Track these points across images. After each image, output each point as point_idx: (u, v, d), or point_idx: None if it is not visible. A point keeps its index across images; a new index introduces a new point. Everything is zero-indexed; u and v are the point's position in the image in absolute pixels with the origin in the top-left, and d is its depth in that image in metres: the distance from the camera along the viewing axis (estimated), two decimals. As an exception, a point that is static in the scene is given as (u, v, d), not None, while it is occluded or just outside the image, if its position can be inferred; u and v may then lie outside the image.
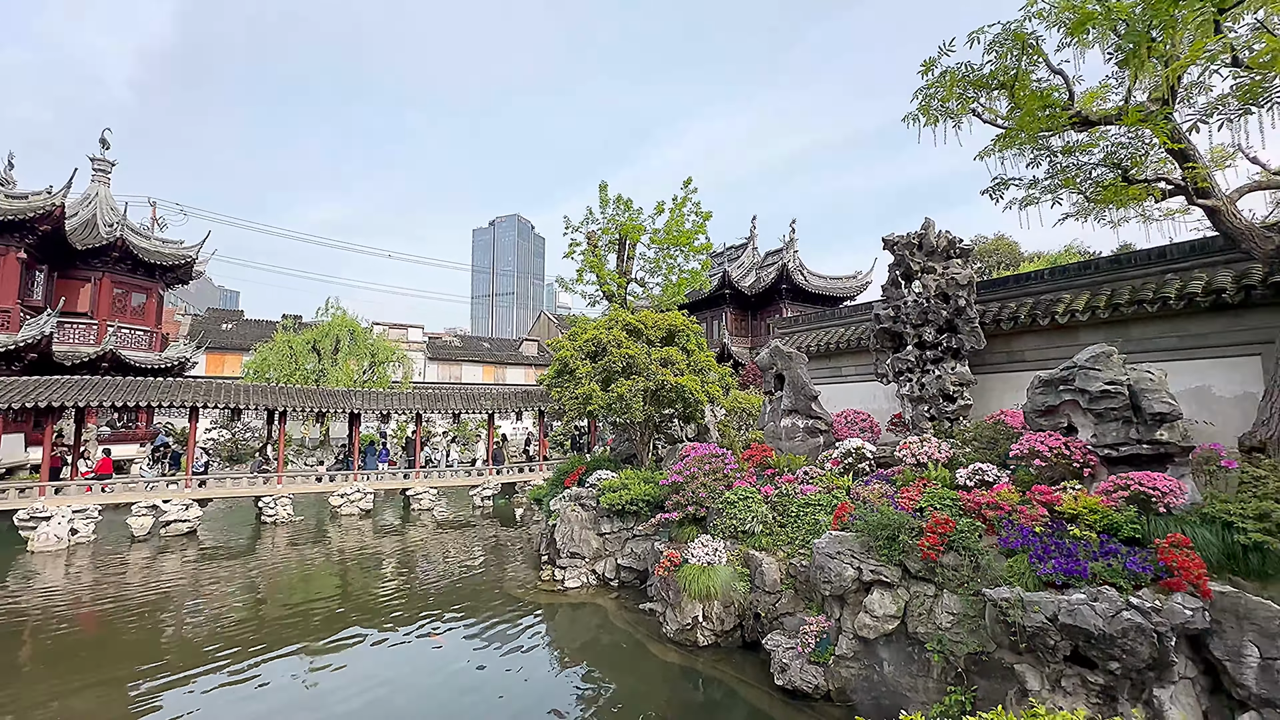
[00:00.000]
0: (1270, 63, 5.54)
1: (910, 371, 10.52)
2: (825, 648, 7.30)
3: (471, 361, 44.76)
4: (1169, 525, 6.14)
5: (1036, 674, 5.91)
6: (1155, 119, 6.67)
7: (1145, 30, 6.37)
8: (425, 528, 18.52)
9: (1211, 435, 7.69)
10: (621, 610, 10.58)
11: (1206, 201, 7.25)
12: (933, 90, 7.99)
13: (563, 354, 13.60)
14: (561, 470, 15.16)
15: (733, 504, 9.72)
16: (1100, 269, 9.76)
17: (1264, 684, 5.17)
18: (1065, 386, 7.45)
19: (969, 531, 6.87)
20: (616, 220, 21.75)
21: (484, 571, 13.45)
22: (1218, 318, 8.20)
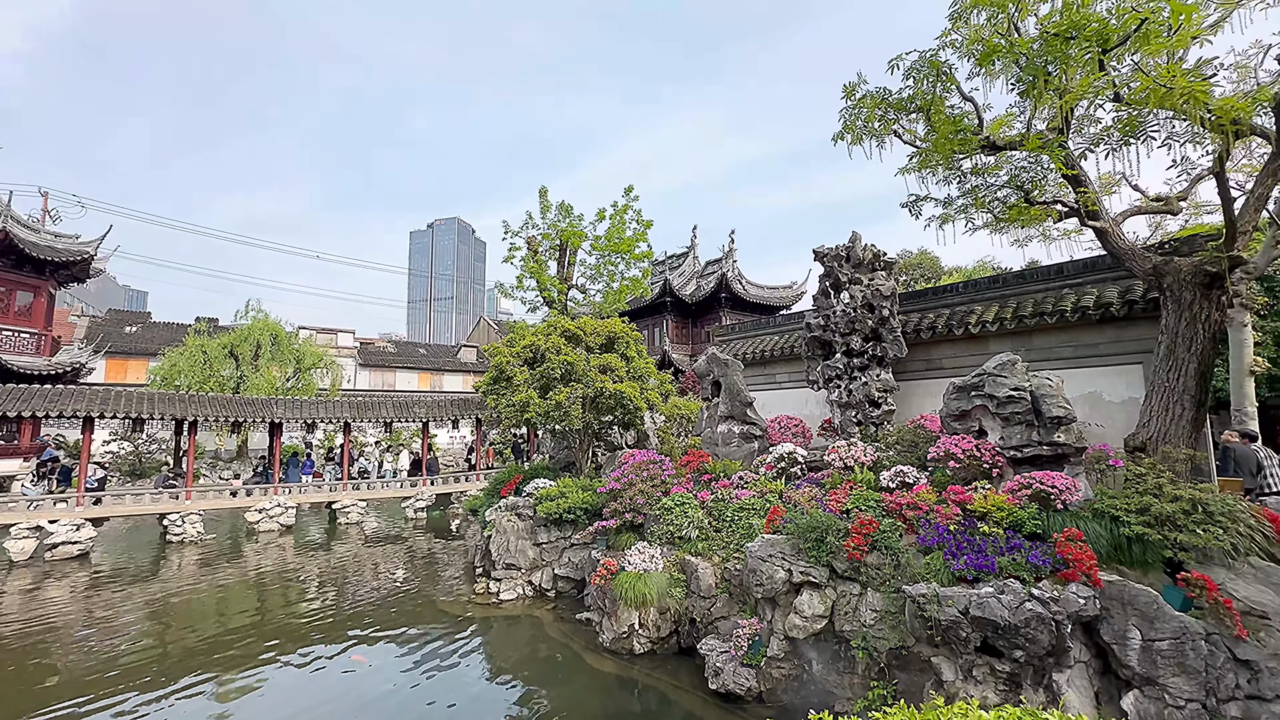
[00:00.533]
0: (1145, 99, 6.16)
1: (839, 378, 10.96)
2: (757, 650, 7.43)
3: (406, 368, 43.17)
4: (1065, 520, 6.65)
5: (951, 665, 6.24)
6: (1051, 146, 7.26)
7: (1042, 65, 6.93)
8: (353, 543, 17.62)
9: (1102, 436, 8.40)
10: (558, 621, 10.41)
11: (1096, 223, 7.96)
12: (855, 112, 8.40)
13: (499, 360, 13.33)
14: (498, 480, 14.81)
15: (670, 510, 9.78)
16: (1007, 284, 10.53)
17: (1145, 664, 5.66)
18: (976, 392, 7.95)
19: (891, 531, 7.19)
20: (557, 226, 21.61)
21: (415, 587, 12.92)
22: (1106, 329, 9.00)
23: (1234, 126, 6.10)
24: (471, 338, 56.39)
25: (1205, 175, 8.13)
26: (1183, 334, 7.39)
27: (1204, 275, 7.25)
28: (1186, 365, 7.38)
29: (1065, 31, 6.32)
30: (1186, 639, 5.56)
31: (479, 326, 57.72)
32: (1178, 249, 8.13)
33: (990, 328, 10.08)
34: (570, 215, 21.70)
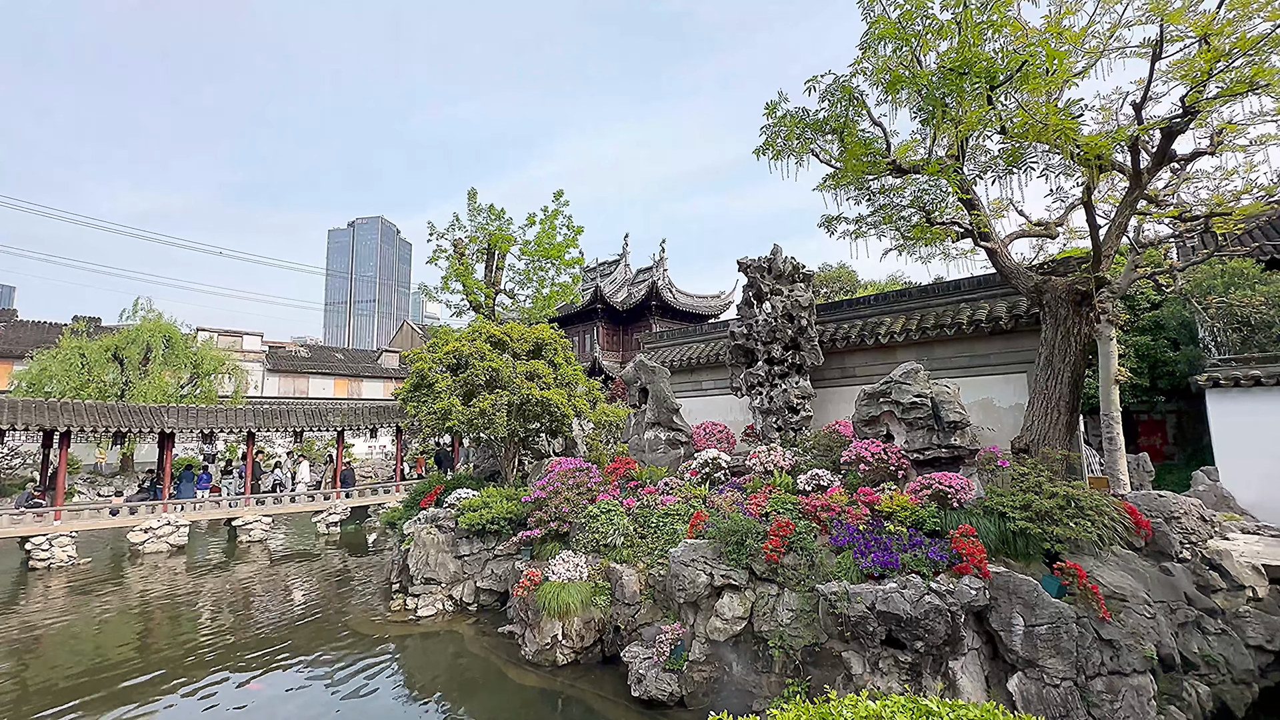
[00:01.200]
0: (1025, 133, 6.81)
1: (761, 385, 11.32)
2: (679, 654, 7.50)
3: (321, 374, 40.67)
4: (961, 518, 7.15)
5: (859, 659, 6.55)
6: (949, 171, 7.88)
7: (941, 97, 7.51)
8: (255, 562, 16.33)
9: (993, 439, 9.14)
10: (480, 636, 10.08)
11: (987, 244, 8.69)
12: (776, 129, 8.76)
13: (420, 366, 12.82)
14: (418, 490, 14.21)
15: (595, 518, 9.72)
16: (913, 298, 11.28)
17: (1027, 648, 6.17)
18: (884, 399, 8.44)
19: (806, 533, 7.48)
20: (486, 229, 21.11)
21: (326, 607, 12.12)
22: (996, 341, 9.82)
23: (1098, 161, 6.86)
24: (394, 343, 53.96)
25: (1077, 204, 9.07)
26: (1059, 346, 8.19)
27: (1076, 293, 8.07)
28: (1062, 374, 8.17)
29: (959, 67, 6.88)
30: (1061, 623, 6.11)
31: (402, 331, 55.36)
32: (1055, 269, 9.01)
33: (898, 338, 10.76)
34: (500, 219, 21.25)
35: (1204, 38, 6.52)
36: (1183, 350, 14.71)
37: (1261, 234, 14.87)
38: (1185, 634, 6.97)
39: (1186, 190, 9.44)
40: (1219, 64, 6.40)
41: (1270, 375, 10.85)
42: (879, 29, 7.73)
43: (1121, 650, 6.17)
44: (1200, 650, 6.93)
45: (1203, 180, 9.21)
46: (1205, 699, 6.58)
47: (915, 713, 2.21)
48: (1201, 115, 7.21)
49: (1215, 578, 7.83)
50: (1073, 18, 7.38)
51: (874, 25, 7.86)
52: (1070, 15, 7.33)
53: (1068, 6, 7.44)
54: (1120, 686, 6.03)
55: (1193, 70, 6.54)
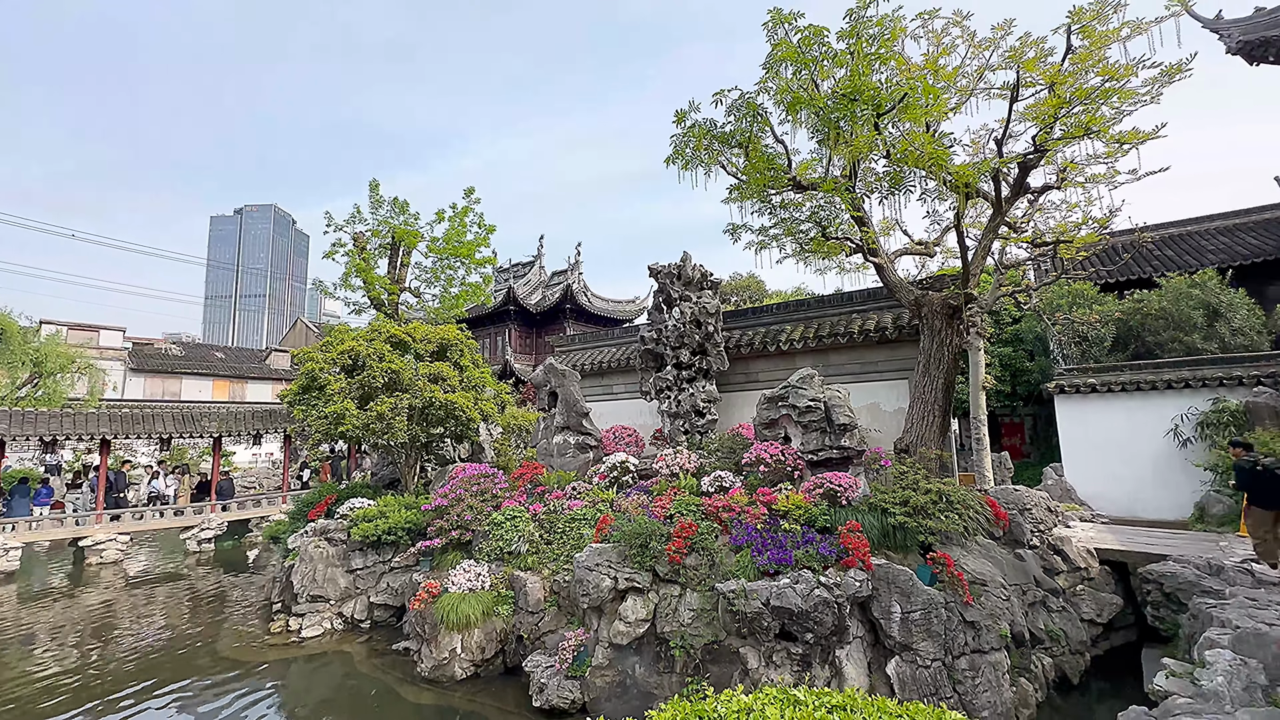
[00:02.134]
0: (905, 159, 7.44)
1: (669, 389, 11.53)
2: (582, 660, 7.43)
3: (196, 374, 36.73)
4: (849, 514, 7.62)
5: (755, 653, 6.79)
6: (842, 190, 8.43)
7: (835, 120, 8.03)
8: (108, 588, 14.40)
9: (879, 440, 9.84)
10: (372, 655, 9.46)
11: (875, 259, 9.37)
12: (685, 139, 8.99)
13: (311, 367, 11.89)
14: (306, 501, 13.16)
15: (500, 525, 9.45)
16: (811, 307, 11.96)
17: (903, 633, 6.67)
18: (782, 403, 8.86)
19: (708, 533, 7.68)
20: (390, 223, 20.02)
21: (195, 634, 10.88)
22: (883, 349, 10.62)
23: (966, 189, 7.61)
24: (286, 341, 49.81)
25: (950, 227, 10.02)
26: (935, 355, 8.97)
27: (949, 307, 8.89)
28: (937, 380, 8.96)
29: (851, 93, 7.40)
30: (932, 609, 6.66)
31: (295, 329, 51.25)
32: (932, 285, 9.89)
33: (797, 345, 11.35)
34: (406, 213, 20.25)
35: (1051, 86, 7.43)
36: (1037, 361, 16.62)
37: (1099, 260, 17.14)
38: (1033, 612, 7.83)
39: (1040, 219, 10.70)
40: (1062, 110, 7.32)
41: (1103, 384, 12.51)
42: (781, 51, 8.15)
43: (982, 630, 6.82)
44: (1045, 626, 7.82)
45: (1052, 211, 10.47)
46: (1049, 669, 7.43)
47: (785, 703, 2.31)
48: (1050, 154, 8.20)
49: (1058, 561, 8.87)
50: (947, 58, 8.16)
51: (777, 47, 8.27)
52: (945, 56, 8.10)
53: (944, 47, 8.22)
54: (981, 664, 6.67)
55: (1042, 113, 7.44)
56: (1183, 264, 16.28)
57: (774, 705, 2.27)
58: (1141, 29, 7.35)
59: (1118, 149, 7.94)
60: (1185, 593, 7.51)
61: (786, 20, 8.15)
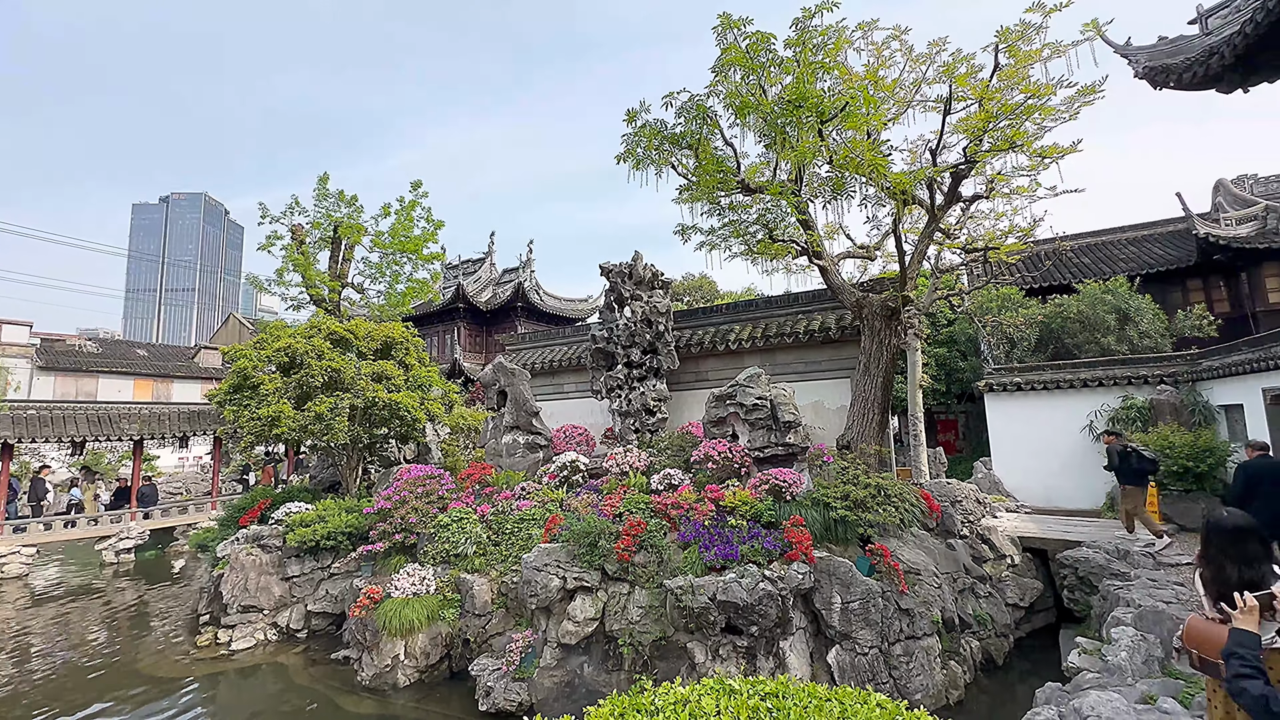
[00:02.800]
0: (846, 165, 7.72)
1: (620, 388, 11.55)
2: (530, 662, 7.36)
3: (115, 373, 34.20)
4: (793, 509, 7.84)
5: (702, 648, 6.90)
6: (788, 194, 8.65)
7: (782, 126, 8.25)
8: (10, 604, 13.24)
9: (822, 436, 10.17)
10: (309, 666, 9.07)
11: (820, 262, 9.67)
12: (636, 138, 9.02)
13: (243, 364, 11.28)
14: (238, 507, 12.49)
15: (446, 527, 9.24)
16: (759, 308, 12.23)
17: (844, 622, 6.92)
18: (730, 401, 9.03)
19: (657, 531, 7.74)
20: (332, 216, 19.21)
21: (113, 651, 10.14)
22: (827, 349, 10.96)
23: (903, 195, 7.96)
24: (217, 338, 47.03)
25: (889, 232, 10.45)
26: (874, 354, 9.34)
27: (888, 309, 9.27)
28: (876, 379, 9.32)
29: (796, 100, 7.61)
30: (870, 598, 6.95)
31: (228, 325, 48.45)
32: (872, 287, 10.28)
33: (745, 345, 11.58)
34: (351, 205, 19.46)
35: (980, 101, 7.86)
36: (970, 361, 17.53)
37: (1025, 267, 18.25)
38: (963, 599, 8.26)
39: (972, 227, 11.30)
40: (990, 124, 7.76)
41: (1027, 382, 13.33)
42: (730, 55, 8.29)
43: (916, 617, 7.16)
44: (974, 611, 8.27)
45: (982, 220, 11.08)
46: (976, 652, 7.86)
47: (720, 693, 2.37)
48: (979, 165, 8.67)
49: (986, 550, 9.40)
50: (887, 70, 8.51)
51: (726, 51, 8.41)
52: (885, 68, 8.45)
53: (883, 60, 8.57)
54: (914, 649, 6.99)
55: (972, 126, 7.86)
56: (1098, 271, 17.54)
57: (710, 696, 2.33)
58: (1060, 51, 7.87)
59: (1040, 162, 8.49)
60: (1096, 576, 8.10)
61: (735, 25, 8.31)
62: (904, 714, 2.26)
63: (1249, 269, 16.25)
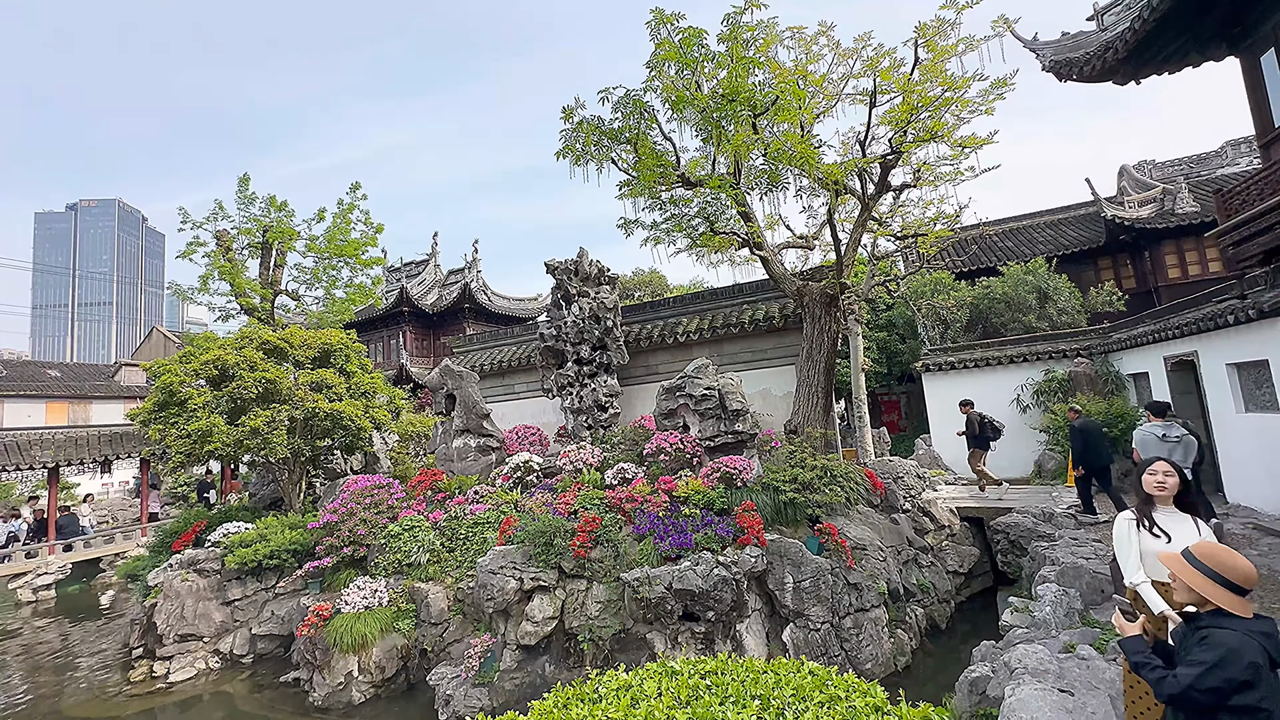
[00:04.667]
0: (779, 156, 7.93)
1: (571, 385, 11.51)
2: (490, 666, 7.28)
3: (23, 397, 31.56)
4: (744, 495, 8.02)
5: (661, 637, 6.99)
6: (727, 186, 8.81)
7: (717, 119, 8.37)
8: (-91, 655, 12.06)
9: (770, 423, 10.43)
10: (255, 691, 8.67)
11: (760, 253, 9.89)
12: (574, 135, 8.98)
13: (168, 379, 10.61)
14: (170, 531, 11.77)
15: (397, 536, 9.00)
16: (706, 299, 12.41)
17: (796, 601, 7.15)
18: (680, 392, 9.14)
19: (612, 525, 7.78)
20: (261, 221, 18.28)
21: (36, 695, 9.41)
22: (771, 337, 11.24)
23: (836, 186, 8.24)
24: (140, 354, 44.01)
25: (826, 223, 10.79)
26: (816, 340, 9.64)
27: (827, 296, 9.58)
28: (819, 364, 9.63)
29: (729, 94, 7.74)
30: (820, 576, 7.20)
31: (151, 340, 45.41)
32: (812, 276, 10.61)
33: (693, 337, 11.74)
34: (281, 210, 18.57)
35: (903, 93, 8.21)
36: (908, 343, 18.33)
37: (953, 252, 19.20)
38: (907, 569, 8.66)
39: (902, 215, 11.80)
40: (913, 115, 8.12)
41: (960, 361, 14.06)
42: (664, 50, 8.36)
43: (863, 591, 7.47)
44: (918, 581, 8.68)
45: (912, 209, 11.58)
46: (921, 619, 8.26)
47: (663, 675, 2.44)
48: (905, 156, 9.07)
49: (927, 522, 9.87)
50: (816, 65, 8.77)
51: (660, 46, 8.47)
52: (814, 63, 8.70)
53: (812, 55, 8.82)
54: (863, 621, 7.30)
55: (896, 118, 8.20)
56: (1020, 254, 18.64)
57: (652, 679, 2.38)
58: (974, 46, 8.31)
59: (960, 152, 8.95)
60: (1026, 539, 8.65)
61: (669, 21, 8.38)
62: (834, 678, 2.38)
63: (1151, 247, 17.62)
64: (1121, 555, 3.43)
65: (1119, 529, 3.48)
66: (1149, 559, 3.29)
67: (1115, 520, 3.57)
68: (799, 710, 2.10)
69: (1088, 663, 4.45)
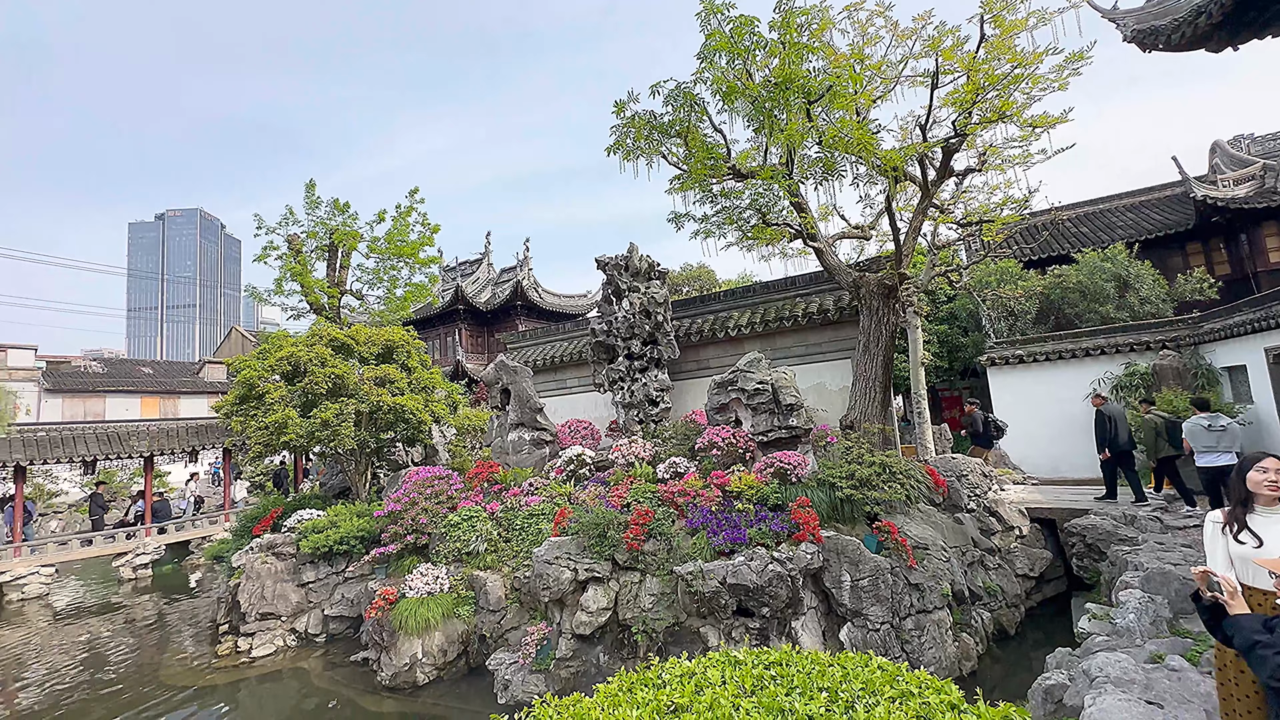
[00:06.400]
0: (835, 144, 7.70)
1: (622, 380, 11.59)
2: (546, 654, 7.45)
3: (122, 392, 34.43)
4: (799, 491, 7.89)
5: (715, 631, 6.97)
6: (780, 177, 8.64)
7: (769, 109, 8.22)
8: (32, 623, 13.43)
9: (825, 418, 10.20)
10: (329, 668, 9.18)
11: (815, 244, 9.66)
12: (625, 130, 9.01)
13: (247, 375, 11.36)
14: (250, 517, 12.61)
15: (456, 526, 9.32)
16: (757, 293, 12.23)
17: (854, 600, 6.98)
18: (732, 387, 9.06)
19: (664, 519, 7.80)
20: (327, 224, 19.27)
21: (136, 664, 10.30)
22: (826, 331, 10.97)
23: (895, 173, 7.94)
24: (221, 352, 47.25)
25: (884, 211, 10.43)
26: (873, 333, 9.35)
27: (885, 287, 9.27)
28: (877, 358, 9.34)
29: (782, 82, 7.58)
30: (879, 575, 6.99)
31: (230, 339, 48.66)
32: (869, 267, 10.28)
33: (745, 331, 11.60)
34: (344, 213, 19.53)
35: (968, 73, 7.82)
36: (971, 336, 17.50)
37: (1021, 239, 18.18)
38: (972, 571, 8.31)
39: (966, 201, 11.27)
40: (978, 95, 7.72)
41: (1029, 355, 13.31)
42: (715, 41, 8.26)
43: (926, 591, 7.21)
44: (984, 583, 8.31)
45: (976, 194, 11.04)
46: (988, 623, 7.91)
47: (726, 664, 2.42)
48: (970, 138, 8.64)
49: (994, 522, 9.43)
50: (872, 48, 8.47)
51: (710, 37, 8.38)
52: (870, 45, 8.40)
53: (868, 38, 8.52)
54: (925, 623, 7.04)
55: (960, 99, 7.82)
56: (1096, 240, 17.46)
57: (715, 668, 2.38)
58: (1046, 19, 7.82)
59: (1031, 132, 8.45)
60: (1105, 542, 8.13)
61: (718, 10, 8.27)
62: (904, 674, 2.31)
63: (1248, 229, 16.16)
64: (1210, 559, 3.18)
65: (1206, 529, 3.25)
66: (1241, 563, 3.03)
67: (1204, 520, 3.32)
68: (869, 704, 2.05)
69: (1179, 674, 4.15)
